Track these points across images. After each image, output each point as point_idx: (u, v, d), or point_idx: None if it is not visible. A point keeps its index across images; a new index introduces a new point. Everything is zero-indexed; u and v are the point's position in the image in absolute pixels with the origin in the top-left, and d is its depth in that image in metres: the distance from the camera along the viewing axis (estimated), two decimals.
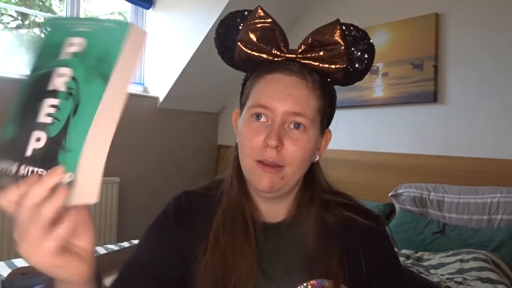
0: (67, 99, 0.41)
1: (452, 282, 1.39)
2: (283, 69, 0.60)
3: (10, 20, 2.42)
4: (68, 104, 0.41)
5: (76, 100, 0.40)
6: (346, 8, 2.65)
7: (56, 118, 0.40)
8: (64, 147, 0.39)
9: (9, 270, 1.36)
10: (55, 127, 0.40)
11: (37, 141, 0.41)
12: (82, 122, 0.39)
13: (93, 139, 0.40)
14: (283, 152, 0.58)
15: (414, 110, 2.30)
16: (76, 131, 0.40)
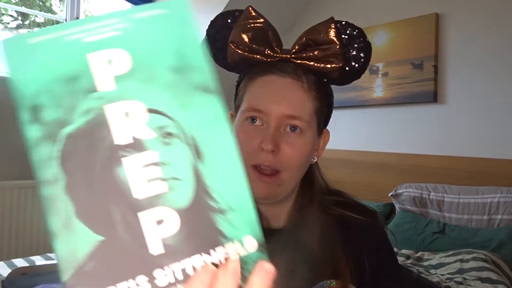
0: (167, 144, 0.26)
1: (452, 282, 1.39)
2: (277, 70, 0.58)
3: (10, 20, 2.42)
4: (178, 151, 0.26)
5: (189, 139, 0.26)
6: (346, 8, 2.64)
7: (172, 178, 0.26)
8: (220, 210, 0.26)
9: (9, 270, 1.36)
10: (181, 191, 0.26)
11: (160, 224, 0.25)
12: (222, 165, 0.26)
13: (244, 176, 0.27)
14: (279, 156, 0.56)
15: (414, 110, 2.29)
16: (224, 181, 0.26)
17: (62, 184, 0.25)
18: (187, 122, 0.26)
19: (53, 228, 0.25)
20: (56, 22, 2.54)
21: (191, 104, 0.26)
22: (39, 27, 2.50)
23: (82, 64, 0.26)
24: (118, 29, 0.27)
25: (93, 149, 0.25)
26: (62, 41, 0.26)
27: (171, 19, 0.27)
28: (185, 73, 0.27)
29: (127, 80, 0.26)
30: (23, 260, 1.54)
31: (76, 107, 0.26)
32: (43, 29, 0.27)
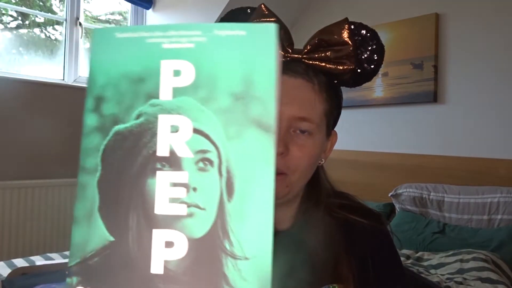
0: (204, 171, 0.25)
1: (452, 282, 1.39)
2: (288, 70, 0.57)
3: (10, 20, 2.42)
4: (210, 180, 0.25)
5: (223, 171, 0.25)
6: (346, 8, 2.64)
7: (195, 205, 0.25)
8: (232, 253, 0.24)
9: (9, 270, 1.36)
10: (199, 221, 0.25)
11: (169, 246, 0.24)
12: (251, 209, 0.24)
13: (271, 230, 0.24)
14: (288, 158, 0.55)
15: (414, 110, 2.30)
16: (247, 225, 0.24)
17: (97, 176, 0.26)
18: (230, 154, 0.25)
19: (77, 214, 0.26)
20: (56, 22, 2.54)
21: (241, 137, 0.25)
22: (39, 27, 2.50)
23: (154, 68, 0.27)
24: (193, 42, 0.26)
25: (134, 153, 0.26)
26: (143, 42, 0.27)
27: (250, 43, 0.26)
28: (245, 102, 0.25)
29: (185, 94, 0.26)
30: (23, 260, 1.54)
31: (133, 108, 0.26)
32: (132, 26, 0.30)
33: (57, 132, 2.34)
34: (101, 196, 0.26)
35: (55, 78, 2.48)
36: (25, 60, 2.41)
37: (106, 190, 0.26)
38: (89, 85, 0.28)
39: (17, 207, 2.14)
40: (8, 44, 2.36)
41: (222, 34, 0.26)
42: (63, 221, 2.33)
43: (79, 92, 2.46)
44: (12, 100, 2.17)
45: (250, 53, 0.26)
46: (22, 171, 2.22)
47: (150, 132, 0.26)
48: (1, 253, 2.08)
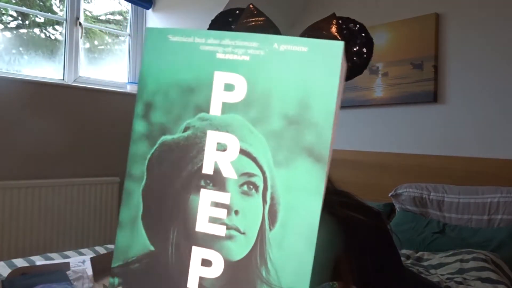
0: (247, 195, 0.24)
1: (452, 282, 1.39)
2: None
3: (10, 20, 2.42)
4: (253, 205, 0.24)
5: (268, 198, 0.24)
6: (346, 8, 2.65)
7: (235, 228, 0.24)
8: (267, 282, 0.23)
9: (9, 270, 1.36)
10: (238, 245, 0.24)
11: (206, 265, 0.24)
12: (294, 240, 0.23)
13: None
14: None
15: (414, 110, 2.30)
16: (286, 256, 0.23)
17: (142, 184, 0.26)
18: (277, 180, 0.24)
19: (121, 219, 0.26)
20: (56, 22, 2.54)
21: (290, 165, 0.24)
22: (39, 27, 2.50)
23: (206, 79, 0.25)
24: (249, 54, 0.24)
25: (180, 167, 0.25)
26: (197, 49, 0.26)
27: (311, 61, 0.24)
28: (299, 127, 0.23)
29: (234, 111, 0.25)
30: (23, 260, 1.54)
31: (181, 119, 0.26)
32: (185, 30, 0.26)
33: (57, 132, 2.34)
34: (145, 205, 0.26)
35: (55, 78, 2.48)
36: (25, 60, 2.41)
37: (149, 200, 0.26)
38: (139, 89, 0.27)
39: (17, 207, 2.14)
40: (8, 44, 2.36)
41: (282, 49, 0.24)
42: (63, 221, 2.33)
43: (79, 92, 2.46)
44: (12, 100, 2.17)
45: (310, 72, 0.23)
46: (22, 171, 2.22)
47: (197, 147, 0.25)
48: (1, 253, 2.08)
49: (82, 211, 2.41)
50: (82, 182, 2.40)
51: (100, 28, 2.80)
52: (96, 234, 2.47)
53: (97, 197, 2.47)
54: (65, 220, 2.34)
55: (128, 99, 2.71)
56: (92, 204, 2.45)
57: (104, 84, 2.70)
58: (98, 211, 2.48)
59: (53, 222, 2.28)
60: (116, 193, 2.56)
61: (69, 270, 1.35)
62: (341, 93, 0.25)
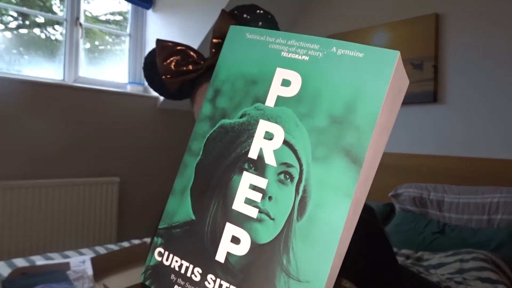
0: (283, 183, 0.26)
1: (452, 282, 1.39)
2: (209, 78, 0.62)
3: (11, 20, 2.42)
4: (286, 194, 0.25)
5: (300, 190, 0.25)
6: (346, 8, 2.65)
7: (265, 213, 0.26)
8: (286, 270, 0.24)
9: (9, 270, 1.36)
10: (266, 229, 0.25)
11: (235, 242, 0.26)
12: (317, 235, 0.24)
13: (335, 268, 0.24)
14: None
15: (414, 110, 2.30)
16: (308, 249, 0.24)
17: (197, 159, 0.29)
18: (312, 175, 0.25)
19: (175, 187, 0.30)
20: (56, 23, 2.54)
21: (326, 161, 0.25)
22: (39, 27, 2.50)
23: (268, 74, 0.28)
24: (309, 55, 0.27)
25: (231, 148, 0.28)
26: (266, 47, 0.29)
27: (364, 67, 0.25)
28: (341, 127, 0.25)
29: (286, 105, 0.27)
30: (23, 260, 1.54)
31: (240, 106, 0.28)
32: (261, 29, 0.29)
33: (57, 132, 2.34)
34: (196, 178, 0.29)
35: (55, 78, 2.49)
36: (26, 60, 2.42)
37: (200, 174, 0.29)
38: (213, 77, 0.30)
39: (17, 207, 2.14)
40: (9, 44, 2.36)
41: (339, 53, 0.26)
42: (63, 221, 2.33)
43: (79, 92, 2.46)
44: (12, 100, 2.17)
45: (361, 77, 0.25)
46: (22, 171, 2.22)
47: (248, 133, 0.27)
48: (1, 253, 2.08)
49: (82, 211, 2.41)
50: (82, 182, 2.40)
51: (100, 28, 2.80)
52: (96, 234, 2.48)
53: (97, 197, 2.47)
54: (65, 220, 2.34)
55: (128, 99, 2.71)
56: (92, 204, 2.45)
57: (104, 84, 2.70)
58: (98, 211, 2.48)
59: (53, 222, 2.28)
60: (116, 193, 2.57)
61: (69, 270, 1.35)
62: (394, 104, 0.26)
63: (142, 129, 2.76)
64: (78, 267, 1.38)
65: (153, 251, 0.29)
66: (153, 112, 2.84)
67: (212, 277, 0.26)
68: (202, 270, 0.27)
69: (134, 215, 2.71)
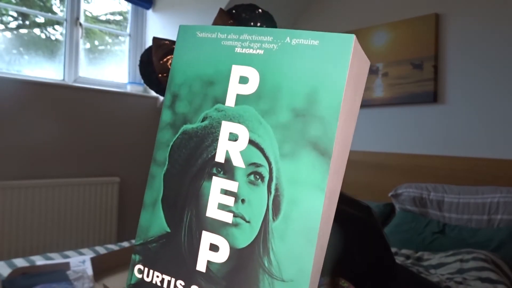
0: (254, 184, 0.25)
1: (452, 282, 1.39)
2: None
3: (11, 20, 2.42)
4: (258, 194, 0.25)
5: (272, 189, 0.25)
6: (346, 8, 2.65)
7: (240, 216, 0.25)
8: (269, 272, 0.24)
9: (9, 270, 1.36)
10: (243, 232, 0.25)
11: (213, 250, 0.26)
12: (295, 233, 0.24)
13: (318, 261, 0.24)
14: None
15: (414, 110, 2.30)
16: (288, 248, 0.24)
17: (164, 169, 0.28)
18: (282, 172, 0.24)
19: (145, 200, 0.29)
20: (56, 23, 2.54)
21: (295, 156, 0.24)
22: (39, 27, 2.50)
23: (224, 72, 0.27)
24: (264, 48, 0.26)
25: (196, 154, 0.27)
26: (219, 44, 0.27)
27: (321, 55, 0.24)
28: (305, 120, 0.24)
29: (247, 103, 0.26)
30: (23, 260, 1.54)
31: (201, 109, 0.27)
32: (211, 26, 0.28)
33: (57, 132, 2.34)
34: (165, 189, 0.28)
35: (55, 78, 2.49)
36: (26, 60, 2.42)
37: (169, 184, 0.28)
38: (169, 82, 0.29)
39: (17, 207, 2.14)
40: (9, 44, 2.36)
41: (293, 43, 0.25)
42: (63, 221, 2.33)
43: (79, 92, 2.46)
44: (12, 100, 2.17)
45: (319, 66, 0.24)
46: (22, 171, 2.22)
47: (212, 136, 0.27)
48: (1, 253, 2.08)
49: (82, 211, 2.41)
50: (82, 182, 2.40)
51: (100, 28, 2.80)
52: (96, 234, 2.48)
53: (97, 197, 2.47)
54: (65, 220, 2.34)
55: (128, 99, 2.71)
56: (92, 204, 2.45)
57: (104, 84, 2.70)
58: (98, 211, 2.48)
59: (53, 222, 2.28)
60: (116, 193, 2.57)
61: (69, 270, 1.35)
62: (357, 88, 0.26)
63: (142, 129, 2.76)
64: (78, 267, 1.38)
65: (133, 269, 0.28)
66: (153, 112, 2.84)
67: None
68: (184, 282, 0.26)
69: (134, 215, 2.71)
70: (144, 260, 0.28)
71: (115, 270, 1.42)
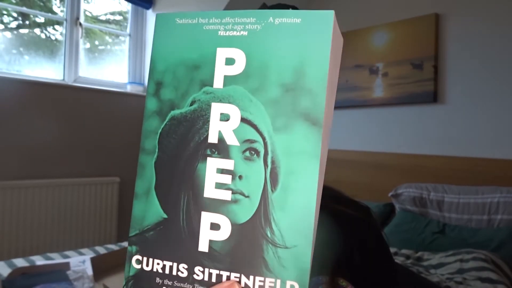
0: (250, 160, 0.26)
1: (452, 282, 1.39)
2: None
3: (11, 20, 2.42)
4: (255, 169, 0.26)
5: (269, 162, 0.25)
6: (346, 8, 2.65)
7: (239, 192, 0.26)
8: (272, 241, 0.25)
9: (9, 270, 1.36)
10: (243, 208, 0.25)
11: (214, 229, 0.26)
12: (295, 201, 0.25)
13: (315, 227, 0.25)
14: None
15: (414, 110, 2.30)
16: (289, 216, 0.25)
17: (154, 157, 0.28)
18: (277, 145, 0.25)
19: (137, 190, 0.29)
20: (56, 22, 2.54)
21: (288, 129, 0.25)
22: (39, 27, 2.51)
23: (209, 56, 0.27)
24: (247, 30, 0.27)
25: (188, 138, 0.27)
26: (201, 29, 0.28)
27: (304, 31, 0.25)
28: (295, 94, 0.25)
29: (235, 83, 0.27)
30: (23, 260, 1.54)
31: (188, 94, 0.27)
32: (191, 12, 0.28)
33: (57, 132, 2.34)
34: (158, 176, 0.28)
35: (55, 78, 2.49)
36: (26, 60, 2.42)
37: (161, 171, 0.28)
38: (150, 70, 0.29)
39: (17, 207, 2.14)
40: (9, 44, 2.36)
41: (276, 22, 0.26)
42: (63, 221, 2.33)
43: (79, 92, 2.46)
44: (12, 100, 2.17)
45: (303, 42, 0.25)
46: (22, 171, 2.22)
47: (202, 119, 0.27)
48: (1, 253, 2.08)
49: (82, 211, 2.41)
50: (82, 182, 2.40)
51: (100, 28, 2.80)
52: (96, 234, 2.48)
53: (97, 197, 2.47)
54: (65, 220, 2.34)
55: (128, 99, 2.71)
56: (92, 204, 2.45)
57: (104, 84, 2.70)
58: (98, 211, 2.48)
59: (53, 222, 2.28)
60: (116, 193, 2.56)
61: (69, 270, 1.35)
62: (336, 62, 0.27)
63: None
64: (78, 267, 1.38)
65: (130, 261, 0.28)
66: None
67: (199, 269, 0.26)
68: (187, 264, 0.26)
69: None
70: (142, 249, 0.28)
71: (115, 270, 1.42)
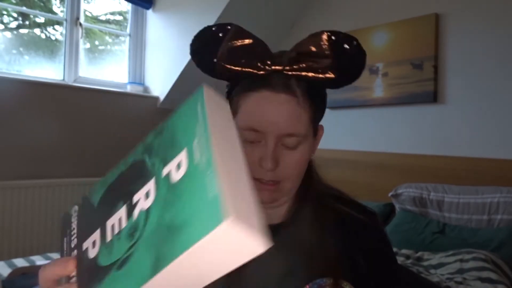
0: (130, 235, 0.28)
1: (452, 282, 1.39)
2: (270, 84, 0.56)
3: (11, 20, 2.42)
4: (124, 243, 0.28)
5: (131, 249, 0.28)
6: (346, 9, 2.64)
7: (112, 246, 0.29)
8: None
9: (9, 270, 1.36)
10: (108, 255, 0.29)
11: (93, 247, 0.32)
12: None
13: None
14: (279, 170, 0.56)
15: (414, 110, 2.29)
16: None
17: (136, 160, 0.39)
18: (143, 238, 0.28)
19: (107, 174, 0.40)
20: (56, 23, 2.54)
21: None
22: (39, 28, 2.51)
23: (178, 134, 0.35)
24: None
25: (124, 181, 0.39)
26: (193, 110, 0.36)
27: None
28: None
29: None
30: (23, 260, 1.54)
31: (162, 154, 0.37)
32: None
33: (57, 132, 2.34)
34: (115, 180, 0.42)
35: (55, 78, 2.49)
36: (26, 60, 2.42)
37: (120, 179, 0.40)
38: None
39: (17, 207, 2.14)
40: (9, 44, 2.36)
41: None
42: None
43: (79, 92, 2.46)
44: (12, 100, 2.17)
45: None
46: (22, 171, 2.22)
47: (135, 176, 0.36)
48: (1, 253, 2.08)
49: None
50: (82, 182, 2.40)
51: (100, 28, 2.80)
52: None
53: None
54: None
55: (128, 99, 2.71)
56: None
57: (104, 84, 2.70)
58: None
59: (53, 222, 2.28)
60: None
61: None
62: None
63: (142, 129, 2.75)
64: None
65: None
66: (153, 112, 2.84)
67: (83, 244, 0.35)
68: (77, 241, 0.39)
69: None
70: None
71: None
